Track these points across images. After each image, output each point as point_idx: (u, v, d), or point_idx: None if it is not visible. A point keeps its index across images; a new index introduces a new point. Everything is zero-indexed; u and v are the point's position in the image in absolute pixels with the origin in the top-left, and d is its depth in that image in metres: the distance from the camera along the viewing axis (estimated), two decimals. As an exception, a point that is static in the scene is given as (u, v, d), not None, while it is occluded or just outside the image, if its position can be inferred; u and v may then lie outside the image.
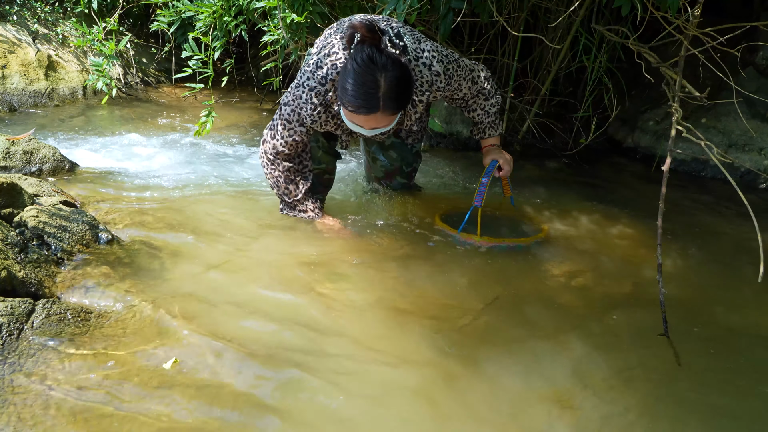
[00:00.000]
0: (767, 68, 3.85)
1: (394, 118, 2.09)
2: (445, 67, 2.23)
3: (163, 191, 2.81)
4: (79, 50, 5.16)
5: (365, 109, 1.98)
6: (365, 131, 2.12)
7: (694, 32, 2.30)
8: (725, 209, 3.10)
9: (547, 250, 2.46)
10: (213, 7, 3.52)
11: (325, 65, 2.15)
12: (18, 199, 2.15)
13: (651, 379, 1.69)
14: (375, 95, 1.95)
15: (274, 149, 2.34)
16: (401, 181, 2.84)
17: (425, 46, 2.22)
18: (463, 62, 2.32)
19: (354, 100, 1.97)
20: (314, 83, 2.17)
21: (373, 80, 1.93)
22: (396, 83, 1.95)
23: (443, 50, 2.27)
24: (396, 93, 1.97)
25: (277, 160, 2.37)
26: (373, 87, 1.93)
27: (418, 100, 2.26)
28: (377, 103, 1.96)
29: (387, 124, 2.09)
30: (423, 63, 2.18)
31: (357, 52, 1.95)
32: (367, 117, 2.01)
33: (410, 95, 2.06)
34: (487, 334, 1.85)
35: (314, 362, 1.62)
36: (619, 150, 4.26)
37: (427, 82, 2.21)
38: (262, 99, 5.22)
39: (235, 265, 2.12)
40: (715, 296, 2.20)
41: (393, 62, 1.94)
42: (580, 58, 3.94)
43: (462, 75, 2.31)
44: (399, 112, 2.06)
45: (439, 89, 2.24)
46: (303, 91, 2.19)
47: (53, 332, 1.55)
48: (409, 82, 2.03)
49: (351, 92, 1.96)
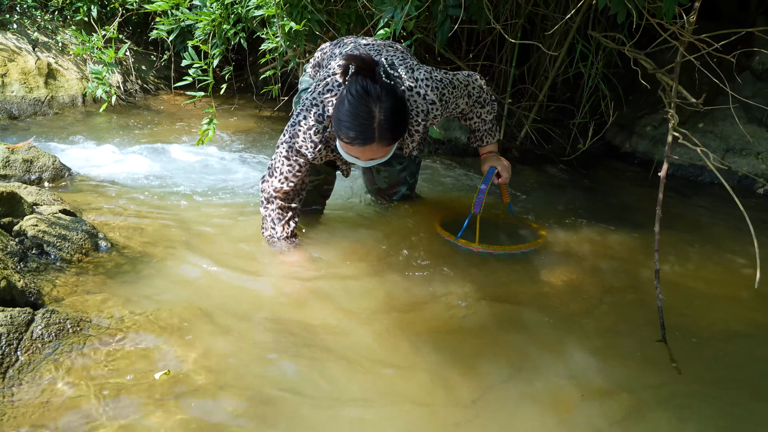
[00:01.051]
0: (763, 73, 3.86)
1: (390, 148, 2.08)
2: (440, 94, 2.22)
3: (163, 199, 2.82)
4: (78, 58, 5.18)
5: (360, 140, 1.96)
6: (361, 162, 2.11)
7: (690, 39, 2.31)
8: (723, 214, 3.11)
9: (546, 256, 2.47)
10: (212, 15, 3.54)
11: (321, 103, 2.14)
12: (18, 208, 2.16)
13: (649, 385, 1.70)
14: (370, 126, 1.93)
15: (272, 187, 2.30)
16: (404, 192, 2.84)
17: (418, 74, 2.20)
18: (457, 81, 2.30)
19: (349, 132, 1.96)
20: (312, 122, 2.15)
21: (367, 111, 1.92)
22: (391, 114, 1.94)
23: (437, 74, 2.25)
24: (391, 123, 1.96)
25: (273, 199, 2.33)
26: (367, 118, 1.92)
27: (414, 130, 2.26)
28: (372, 134, 1.95)
29: (383, 154, 2.08)
30: (417, 93, 2.18)
31: (351, 84, 1.95)
32: (363, 148, 2.00)
33: (406, 125, 2.05)
34: (486, 341, 1.86)
35: (311, 369, 1.63)
36: (617, 155, 4.27)
37: (423, 111, 2.20)
38: (261, 106, 5.23)
39: (234, 273, 2.13)
40: (713, 302, 2.21)
41: (387, 92, 1.94)
42: (577, 65, 3.96)
43: (458, 94, 2.30)
44: (395, 142, 2.05)
45: (436, 117, 2.24)
46: (301, 129, 2.18)
47: (53, 342, 1.56)
48: (404, 111, 2.02)
49: (346, 124, 1.95)
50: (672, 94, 2.24)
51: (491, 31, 3.84)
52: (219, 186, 3.10)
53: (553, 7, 3.82)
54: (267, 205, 2.35)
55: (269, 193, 2.32)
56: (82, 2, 5.16)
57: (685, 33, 2.32)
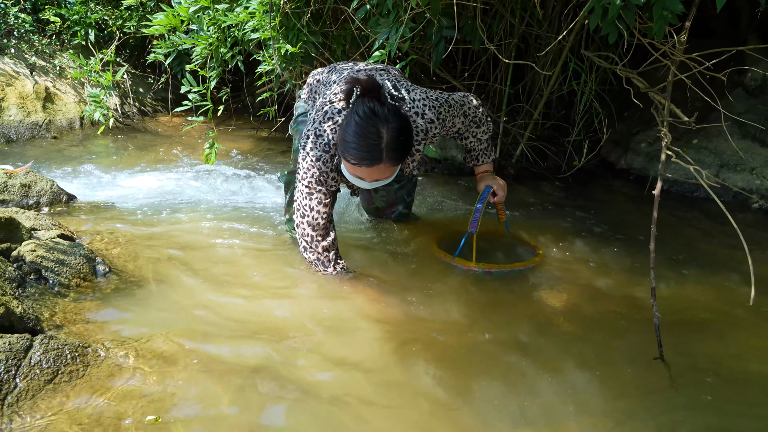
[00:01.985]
0: (756, 89, 3.90)
1: (395, 169, 2.10)
2: (437, 113, 2.26)
3: (160, 222, 2.82)
4: (76, 81, 5.21)
5: (368, 161, 1.98)
6: (366, 184, 2.13)
7: (681, 58, 2.34)
8: (719, 230, 3.13)
9: (542, 274, 2.48)
10: (209, 39, 3.57)
11: (324, 132, 2.17)
12: (16, 234, 2.16)
13: (647, 403, 1.70)
14: (378, 147, 1.96)
15: (310, 227, 2.26)
16: (402, 211, 2.86)
17: (415, 95, 2.25)
18: (452, 100, 2.35)
19: (357, 153, 1.98)
20: (319, 152, 2.17)
21: (375, 132, 1.94)
22: (398, 134, 1.97)
23: (432, 94, 2.30)
24: (398, 144, 1.98)
25: (315, 239, 2.28)
26: (375, 138, 1.95)
27: (416, 149, 2.29)
28: (380, 154, 1.97)
29: (388, 175, 2.11)
30: (416, 113, 2.22)
31: (358, 105, 1.97)
32: (370, 169, 2.02)
33: (411, 145, 2.07)
34: (483, 362, 1.86)
35: (308, 393, 1.63)
36: (612, 171, 4.29)
37: (423, 131, 2.24)
38: (259, 127, 5.26)
39: (233, 296, 2.13)
40: (710, 318, 2.21)
41: (394, 114, 1.97)
42: (571, 83, 3.99)
43: (454, 113, 2.34)
44: (400, 163, 2.07)
45: (435, 135, 2.28)
46: (312, 163, 2.19)
47: (51, 370, 1.56)
48: (410, 132, 2.04)
49: (353, 145, 1.97)
50: (665, 113, 2.27)
51: (486, 50, 3.88)
52: (217, 209, 3.11)
53: (546, 27, 3.86)
54: (312, 250, 2.30)
55: (309, 235, 2.28)
56: (80, 26, 5.21)
57: (677, 52, 2.34)
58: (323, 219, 2.26)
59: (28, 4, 5.28)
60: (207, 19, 3.60)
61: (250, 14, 3.32)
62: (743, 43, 4.07)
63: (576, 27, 3.19)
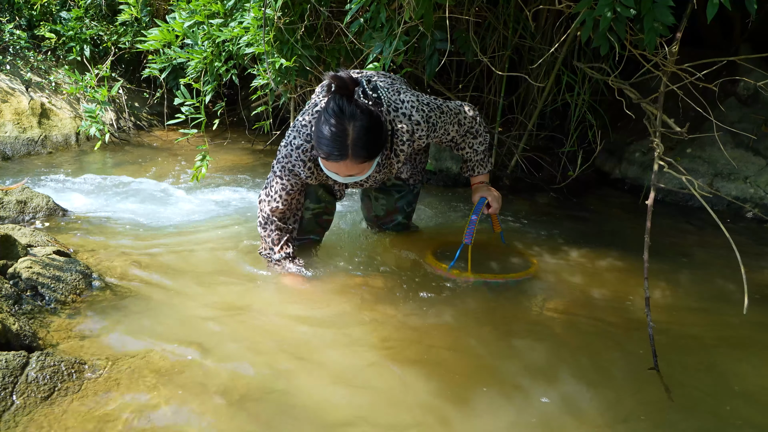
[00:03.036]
0: (748, 98, 3.93)
1: (367, 166, 2.15)
2: (426, 116, 2.30)
3: (156, 237, 2.83)
4: (72, 97, 5.23)
5: (335, 156, 2.05)
6: (340, 178, 2.19)
7: (673, 69, 2.36)
8: (713, 239, 3.14)
9: (537, 284, 2.49)
10: (203, 53, 3.59)
11: (309, 123, 2.26)
12: (12, 251, 2.17)
13: (642, 413, 1.70)
14: (344, 143, 2.02)
15: (269, 207, 2.41)
16: (401, 221, 2.87)
17: (405, 97, 2.29)
18: (446, 107, 2.38)
19: (325, 148, 2.05)
20: (301, 141, 2.26)
21: (342, 129, 2.01)
22: (364, 132, 2.02)
23: (425, 99, 2.34)
24: (364, 141, 2.04)
25: (271, 218, 2.43)
26: (341, 135, 2.01)
27: (400, 150, 2.32)
28: (346, 150, 2.03)
29: (359, 171, 2.16)
30: (402, 113, 2.26)
31: (329, 102, 2.04)
32: (338, 164, 2.09)
33: (380, 144, 2.12)
34: (479, 373, 1.86)
35: (304, 405, 1.63)
36: (607, 181, 4.32)
37: (408, 131, 2.27)
38: (254, 140, 5.27)
39: (228, 310, 2.14)
40: (704, 327, 2.22)
41: (362, 112, 2.02)
42: (564, 94, 4.02)
43: (447, 120, 2.37)
44: (370, 160, 2.12)
45: (421, 137, 2.31)
46: (292, 149, 2.28)
47: (48, 386, 1.55)
48: (378, 131, 2.09)
49: (322, 140, 2.05)
50: (657, 124, 2.28)
51: (479, 62, 3.90)
52: (212, 222, 3.11)
53: (539, 40, 3.89)
54: (265, 226, 2.46)
55: (266, 213, 2.43)
56: (75, 42, 5.23)
57: (668, 63, 2.36)
58: (284, 205, 2.40)
59: (23, 20, 5.30)
60: (201, 33, 3.62)
61: (245, 29, 3.34)
62: (735, 52, 4.10)
63: (568, 39, 3.22)
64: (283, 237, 2.46)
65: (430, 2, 2.65)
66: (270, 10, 3.14)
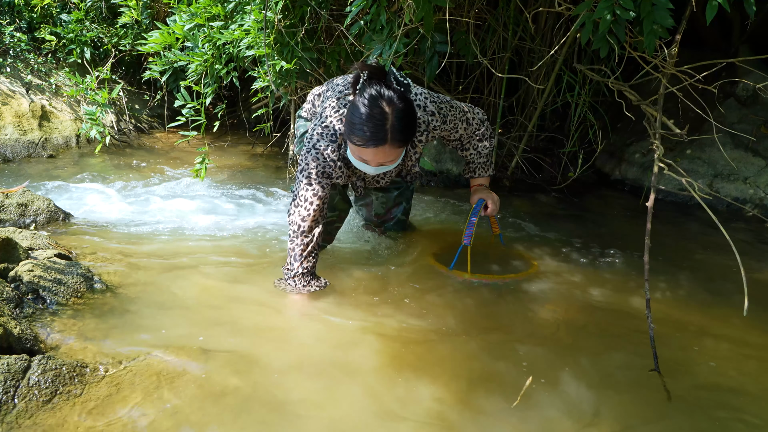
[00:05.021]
0: (747, 99, 3.93)
1: (401, 152, 2.16)
2: (438, 107, 2.33)
3: (158, 240, 2.83)
4: (72, 100, 5.23)
5: (374, 141, 2.05)
6: (371, 169, 2.19)
7: (672, 71, 2.36)
8: (713, 239, 3.14)
9: (538, 286, 2.49)
10: (204, 56, 3.59)
11: (331, 124, 2.25)
12: (13, 254, 2.17)
13: (643, 415, 1.71)
14: (383, 127, 2.03)
15: (299, 216, 2.30)
16: (401, 217, 2.89)
17: (416, 90, 2.32)
18: (456, 104, 2.42)
19: (362, 134, 2.05)
20: (327, 142, 2.25)
21: (381, 113, 2.02)
22: (403, 115, 2.04)
23: (434, 94, 2.38)
24: (403, 125, 2.06)
25: (303, 228, 2.31)
26: (381, 119, 2.02)
27: (417, 141, 2.36)
28: (385, 135, 2.04)
29: (394, 158, 2.17)
30: (417, 105, 2.28)
31: (365, 88, 2.06)
32: (375, 150, 2.08)
33: (415, 128, 2.15)
34: (480, 377, 1.86)
35: (306, 408, 1.63)
36: (607, 182, 4.32)
37: (424, 122, 2.30)
38: (254, 142, 5.28)
39: (229, 313, 2.14)
40: (705, 328, 2.22)
41: (399, 96, 2.05)
42: (564, 95, 4.02)
43: (456, 115, 2.40)
44: (405, 144, 2.14)
45: (436, 128, 2.33)
46: (318, 153, 2.25)
47: (49, 390, 1.56)
48: (414, 115, 2.12)
49: (359, 126, 2.05)
50: (656, 125, 2.29)
51: (479, 64, 3.91)
52: (213, 225, 3.12)
53: (539, 41, 3.90)
54: (293, 239, 2.33)
55: (296, 224, 2.31)
56: (75, 44, 5.23)
57: (668, 65, 2.37)
58: (314, 212, 2.29)
59: (24, 23, 5.30)
60: (202, 36, 3.62)
61: (245, 32, 3.35)
62: (735, 53, 4.11)
63: (568, 41, 3.23)
64: (310, 248, 2.32)
65: (430, 4, 2.65)
66: (270, 12, 3.14)
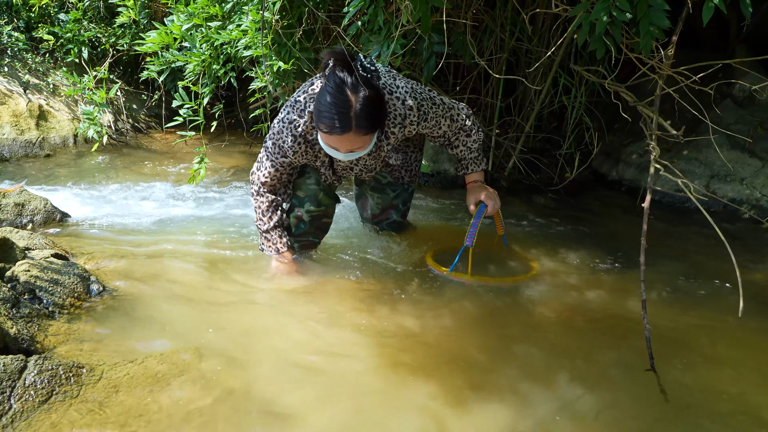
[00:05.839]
0: (744, 100, 3.94)
1: (368, 139, 2.17)
2: (418, 103, 2.31)
3: (154, 239, 2.83)
4: (69, 99, 5.22)
5: (339, 128, 2.07)
6: (341, 155, 2.21)
7: (668, 72, 2.37)
8: (710, 240, 3.15)
9: (535, 287, 2.50)
10: (202, 56, 3.59)
11: (302, 99, 2.28)
12: (10, 254, 2.17)
13: (639, 415, 1.71)
14: (347, 114, 2.05)
15: (259, 180, 2.48)
16: (396, 219, 2.88)
17: (400, 83, 2.31)
18: (440, 101, 2.39)
19: (328, 121, 2.07)
20: (293, 116, 2.29)
21: (345, 100, 2.03)
22: (367, 102, 2.05)
23: (419, 88, 2.35)
24: (367, 112, 2.06)
25: (262, 190, 2.50)
26: (345, 106, 2.04)
27: (390, 132, 2.34)
28: (350, 122, 2.06)
29: (362, 145, 2.18)
30: (396, 97, 2.27)
31: (330, 75, 2.07)
32: (341, 137, 2.11)
33: (382, 116, 2.17)
34: (477, 376, 1.87)
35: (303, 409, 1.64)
36: (604, 183, 4.33)
37: (400, 115, 2.29)
38: (252, 142, 5.28)
39: (226, 314, 2.14)
40: (700, 329, 2.23)
41: (364, 83, 2.05)
42: (561, 97, 4.03)
43: (439, 113, 2.38)
44: (372, 132, 2.15)
45: (413, 123, 2.32)
46: (283, 125, 2.31)
47: (46, 391, 1.56)
48: (381, 102, 2.13)
49: (324, 113, 2.07)
50: (653, 127, 2.29)
51: (477, 65, 3.91)
52: (211, 226, 3.12)
53: (536, 42, 3.90)
54: (256, 197, 2.52)
55: (257, 185, 2.50)
56: (73, 44, 5.22)
57: (664, 66, 2.38)
58: (272, 180, 2.47)
59: (22, 22, 5.29)
60: (200, 36, 3.62)
61: (243, 32, 3.35)
62: (731, 53, 4.12)
63: (565, 42, 3.23)
64: (272, 205, 2.51)
65: (428, 5, 2.65)
66: (268, 13, 3.14)
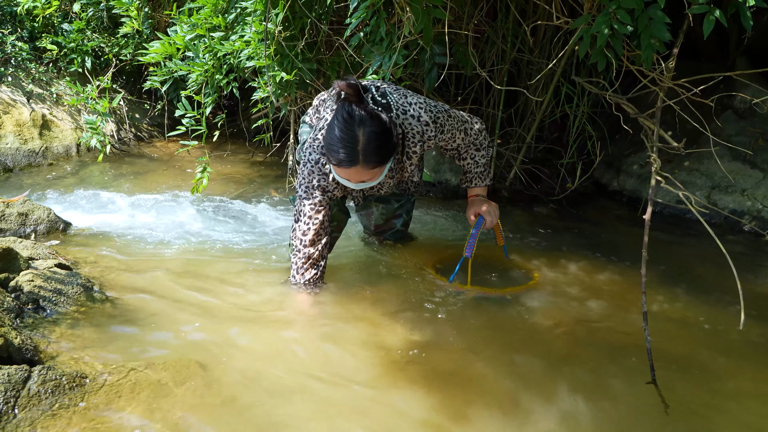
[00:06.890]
0: (745, 111, 3.95)
1: (378, 171, 2.17)
2: (434, 117, 2.33)
3: (157, 250, 2.84)
4: (73, 109, 5.24)
5: (346, 162, 2.08)
6: (353, 185, 2.21)
7: (669, 84, 2.38)
8: (711, 252, 3.14)
9: (536, 297, 2.50)
10: (205, 66, 3.61)
11: (320, 137, 2.28)
12: (13, 264, 2.18)
13: (640, 427, 1.71)
14: (354, 149, 2.05)
15: (299, 231, 2.37)
16: (399, 228, 2.90)
17: (412, 99, 2.32)
18: (454, 113, 2.41)
19: (335, 155, 2.08)
20: (317, 155, 2.30)
21: (352, 135, 2.04)
22: (374, 137, 2.05)
23: (432, 102, 2.38)
24: (374, 147, 2.06)
25: (300, 246, 2.38)
26: (352, 141, 2.04)
27: (412, 152, 2.36)
28: (356, 156, 2.06)
29: (371, 177, 2.18)
30: (411, 115, 2.28)
31: (339, 109, 2.07)
32: (349, 170, 2.11)
33: (391, 149, 2.15)
34: (478, 387, 1.87)
35: (305, 420, 1.64)
36: (605, 193, 4.33)
37: (418, 133, 2.30)
38: (254, 152, 5.29)
39: (229, 323, 2.14)
40: (701, 340, 2.23)
41: (371, 117, 2.05)
42: (563, 106, 4.04)
43: (454, 125, 2.40)
44: (381, 165, 2.14)
45: (431, 138, 2.33)
46: (312, 166, 2.31)
47: (49, 400, 1.56)
48: (389, 136, 2.11)
49: (333, 147, 2.08)
50: (654, 139, 2.30)
51: (478, 75, 3.93)
52: (213, 236, 3.13)
53: (537, 54, 3.92)
54: (295, 253, 2.41)
55: (298, 239, 2.39)
56: (76, 54, 5.25)
57: (665, 79, 2.39)
58: (314, 225, 2.36)
59: (25, 32, 5.32)
60: (203, 47, 3.65)
61: (246, 42, 3.37)
62: (732, 65, 4.14)
63: (566, 54, 3.25)
64: (307, 263, 2.38)
65: (430, 17, 2.68)
66: (271, 24, 3.16)
